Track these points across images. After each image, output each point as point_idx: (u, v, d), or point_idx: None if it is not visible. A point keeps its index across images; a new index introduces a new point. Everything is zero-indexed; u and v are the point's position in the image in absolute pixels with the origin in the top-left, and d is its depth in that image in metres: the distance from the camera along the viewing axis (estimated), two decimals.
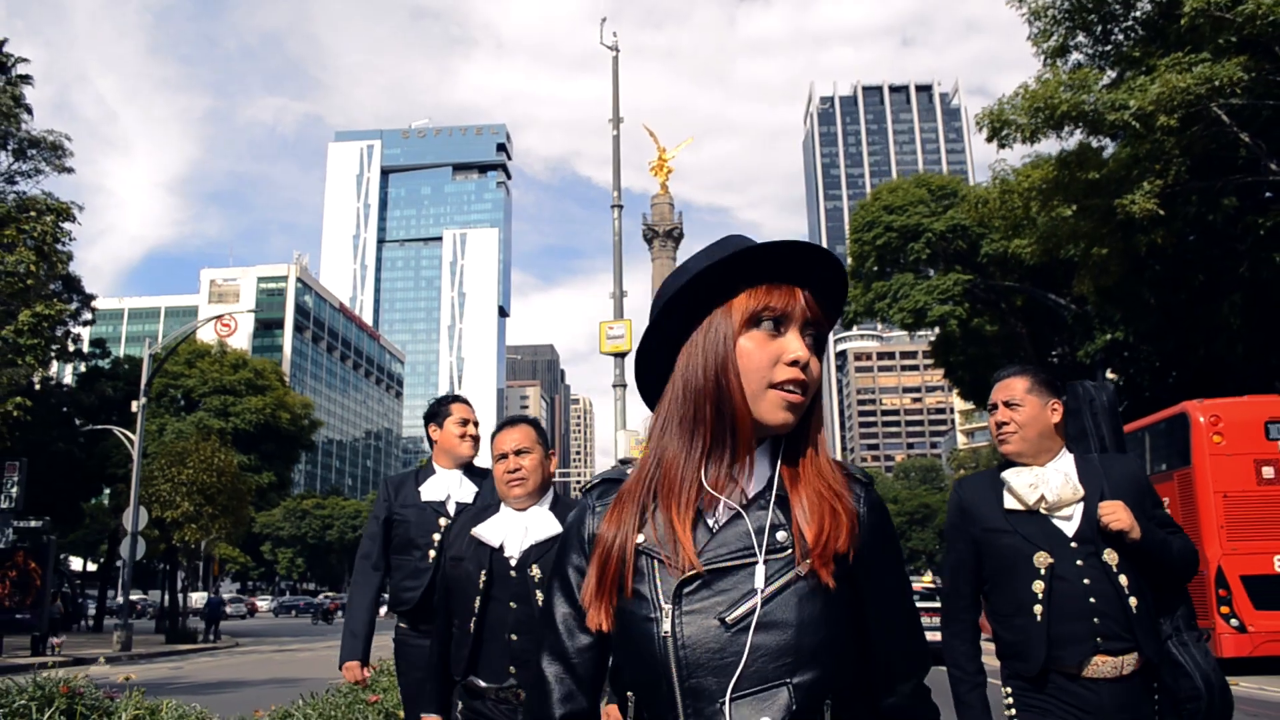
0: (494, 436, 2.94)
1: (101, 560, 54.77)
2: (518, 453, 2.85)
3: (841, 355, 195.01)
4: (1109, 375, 28.65)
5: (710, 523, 1.20)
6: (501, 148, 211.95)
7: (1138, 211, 16.08)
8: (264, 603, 70.57)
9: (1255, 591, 12.82)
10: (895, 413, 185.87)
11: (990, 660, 2.53)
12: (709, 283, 1.23)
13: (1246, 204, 19.93)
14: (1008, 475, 2.63)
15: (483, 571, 2.79)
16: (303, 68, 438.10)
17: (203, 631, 30.83)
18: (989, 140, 17.55)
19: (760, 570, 1.15)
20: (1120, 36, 19.59)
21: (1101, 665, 2.43)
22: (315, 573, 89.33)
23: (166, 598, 37.85)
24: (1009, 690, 2.56)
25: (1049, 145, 31.05)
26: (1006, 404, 2.66)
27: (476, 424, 3.75)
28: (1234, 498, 13.12)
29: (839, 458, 1.33)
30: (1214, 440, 13.23)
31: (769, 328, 1.21)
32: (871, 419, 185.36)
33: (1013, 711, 2.54)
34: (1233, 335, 21.21)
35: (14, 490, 22.28)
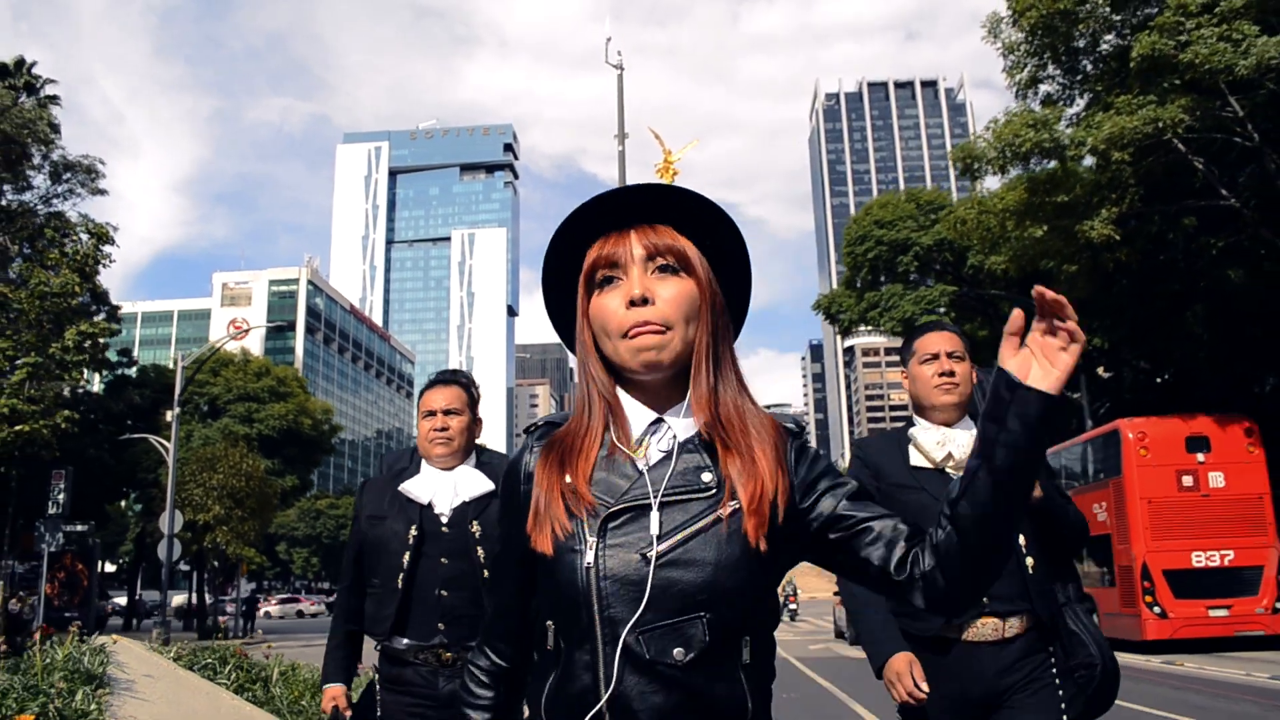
0: (423, 393, 2.88)
1: (120, 562, 55.73)
2: (446, 412, 2.80)
3: (849, 351, 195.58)
4: (1099, 373, 29.84)
5: (640, 464, 1.23)
6: (508, 148, 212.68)
7: (1096, 237, 17.52)
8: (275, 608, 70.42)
9: (1175, 583, 14.96)
10: (903, 407, 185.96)
11: None
12: (564, 260, 1.32)
13: (1204, 224, 21.05)
14: (915, 432, 2.63)
15: (413, 528, 2.73)
16: (307, 68, 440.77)
17: (237, 627, 32.21)
18: (961, 175, 18.88)
19: (655, 515, 1.19)
20: (1089, 67, 20.69)
21: (982, 628, 2.42)
22: (330, 572, 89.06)
23: (194, 598, 39.12)
24: None
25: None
26: (950, 354, 2.65)
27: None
28: (1157, 503, 15.23)
29: (847, 453, 1.82)
30: (1140, 454, 15.32)
31: (611, 279, 1.25)
32: (880, 414, 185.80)
33: None
34: (1198, 345, 22.53)
35: (61, 497, 23.64)
